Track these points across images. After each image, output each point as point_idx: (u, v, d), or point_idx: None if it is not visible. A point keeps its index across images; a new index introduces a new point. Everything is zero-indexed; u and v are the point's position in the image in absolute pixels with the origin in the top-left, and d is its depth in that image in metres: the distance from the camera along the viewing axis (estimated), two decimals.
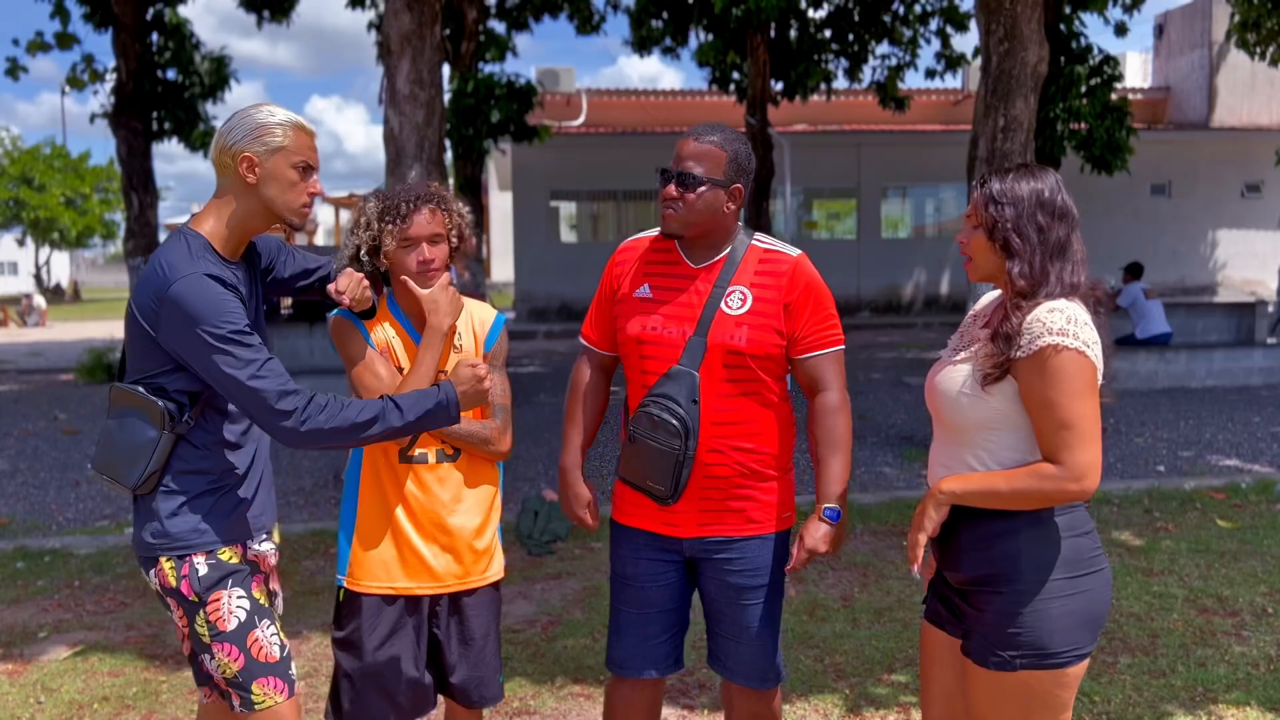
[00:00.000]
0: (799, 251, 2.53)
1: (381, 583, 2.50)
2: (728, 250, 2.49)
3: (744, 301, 2.44)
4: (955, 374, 2.13)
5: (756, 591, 2.53)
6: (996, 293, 2.29)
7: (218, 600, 2.25)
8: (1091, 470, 2.00)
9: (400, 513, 2.50)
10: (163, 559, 2.25)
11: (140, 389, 2.20)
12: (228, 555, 2.28)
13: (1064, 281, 2.07)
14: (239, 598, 2.26)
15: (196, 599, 2.24)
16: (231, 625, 2.25)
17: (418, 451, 2.50)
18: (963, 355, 2.16)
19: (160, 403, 2.18)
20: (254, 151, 2.20)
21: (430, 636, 2.58)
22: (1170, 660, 3.94)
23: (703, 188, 2.40)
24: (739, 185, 2.45)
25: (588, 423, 2.66)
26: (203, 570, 2.25)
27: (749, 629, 2.54)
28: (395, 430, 2.22)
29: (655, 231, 2.59)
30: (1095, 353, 2.02)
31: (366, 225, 2.47)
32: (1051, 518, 2.07)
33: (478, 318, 2.65)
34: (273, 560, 2.43)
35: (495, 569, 2.64)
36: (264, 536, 2.41)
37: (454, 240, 2.53)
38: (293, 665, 2.36)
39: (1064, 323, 2.00)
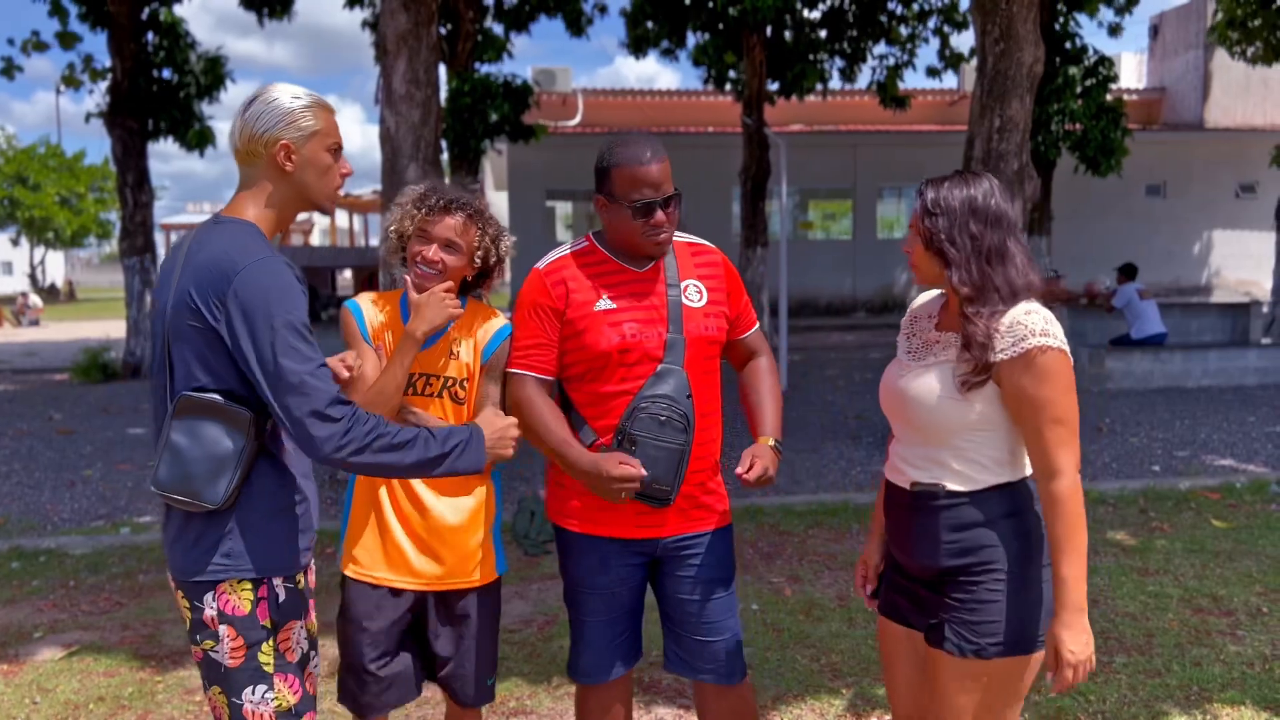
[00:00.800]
0: (712, 245, 2.70)
1: (366, 570, 2.53)
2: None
3: (701, 294, 2.55)
4: (929, 378, 2.16)
5: (721, 583, 2.59)
6: (935, 292, 2.34)
7: (291, 629, 2.12)
8: (1079, 461, 2.09)
9: (387, 508, 2.52)
10: (230, 582, 2.06)
11: (218, 396, 2.01)
12: (298, 580, 2.15)
13: (1012, 284, 2.10)
14: (302, 628, 2.16)
15: (271, 625, 2.09)
16: (297, 656, 2.14)
17: None
18: (931, 359, 2.19)
19: (245, 410, 2.02)
20: (291, 138, 2.09)
21: (421, 632, 2.60)
22: (1165, 659, 3.95)
23: (680, 197, 2.49)
24: None
25: (567, 426, 2.52)
26: (283, 595, 2.10)
27: (717, 623, 2.57)
28: (428, 461, 2.05)
29: (571, 248, 2.57)
30: (1069, 351, 2.09)
31: (401, 206, 2.52)
32: (1028, 509, 2.15)
33: (481, 326, 2.62)
34: (314, 579, 2.32)
35: (483, 573, 2.61)
36: (310, 556, 2.28)
37: (477, 260, 2.53)
38: None
39: (1043, 323, 2.07)
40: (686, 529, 2.54)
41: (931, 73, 17.86)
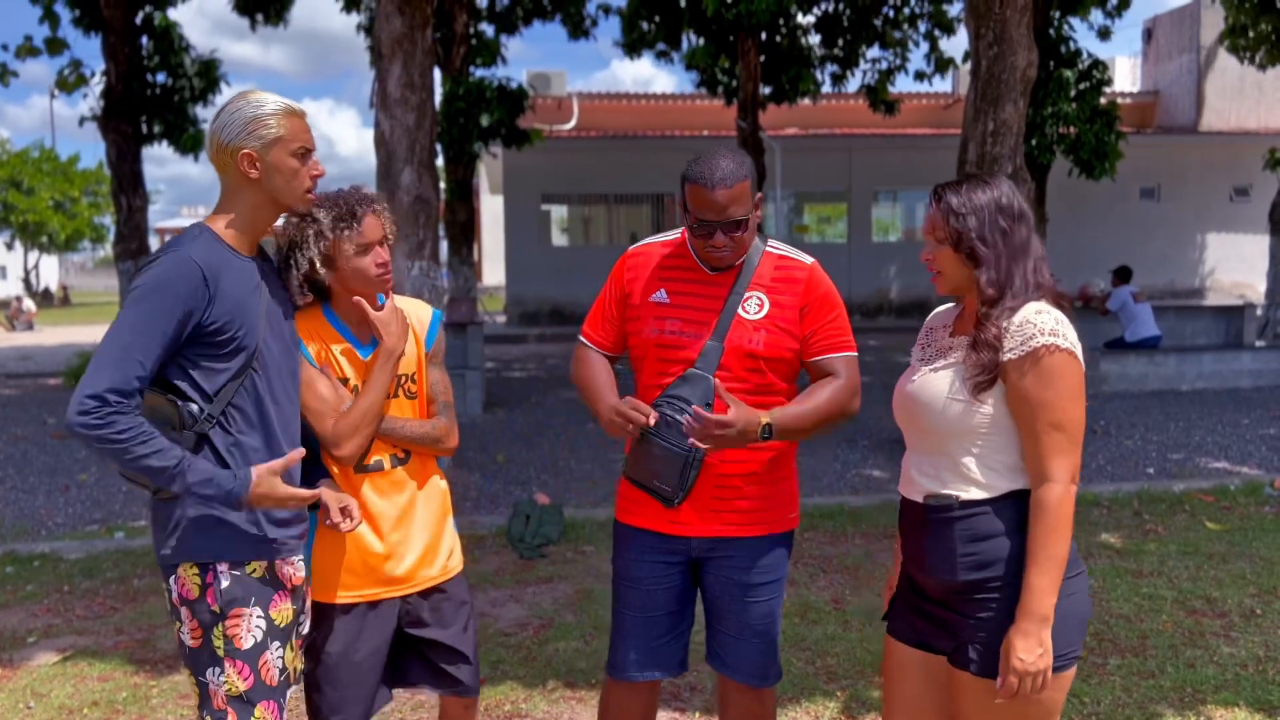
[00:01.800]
0: (813, 259, 2.59)
1: (351, 592, 2.49)
2: (744, 257, 2.53)
3: (761, 306, 2.50)
4: (939, 381, 2.11)
5: (761, 589, 2.56)
6: (950, 304, 2.30)
7: (239, 616, 2.18)
8: (1078, 472, 2.02)
9: (366, 518, 2.49)
10: (183, 568, 2.18)
11: (156, 389, 2.13)
12: (252, 569, 2.20)
13: (1029, 281, 2.08)
14: (258, 616, 2.20)
15: (219, 611, 2.18)
16: (248, 644, 2.19)
17: (373, 460, 2.50)
18: (943, 363, 2.14)
19: (178, 401, 2.13)
20: (252, 147, 2.16)
21: (403, 635, 2.58)
22: (1159, 661, 3.96)
23: (747, 222, 2.44)
24: (760, 194, 2.52)
25: (610, 381, 2.57)
26: (225, 582, 2.18)
27: (752, 626, 2.56)
28: (176, 477, 2.05)
29: (665, 237, 2.64)
30: (1081, 355, 2.04)
31: (319, 235, 2.38)
32: None
33: (415, 316, 2.63)
34: (300, 577, 2.32)
35: (456, 561, 2.66)
36: (300, 557, 2.32)
37: (391, 241, 2.54)
38: (289, 690, 2.30)
39: (1054, 324, 2.02)
40: (717, 532, 2.52)
41: (919, 76, 17.90)
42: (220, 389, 2.16)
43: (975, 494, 2.07)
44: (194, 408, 2.14)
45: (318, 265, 2.40)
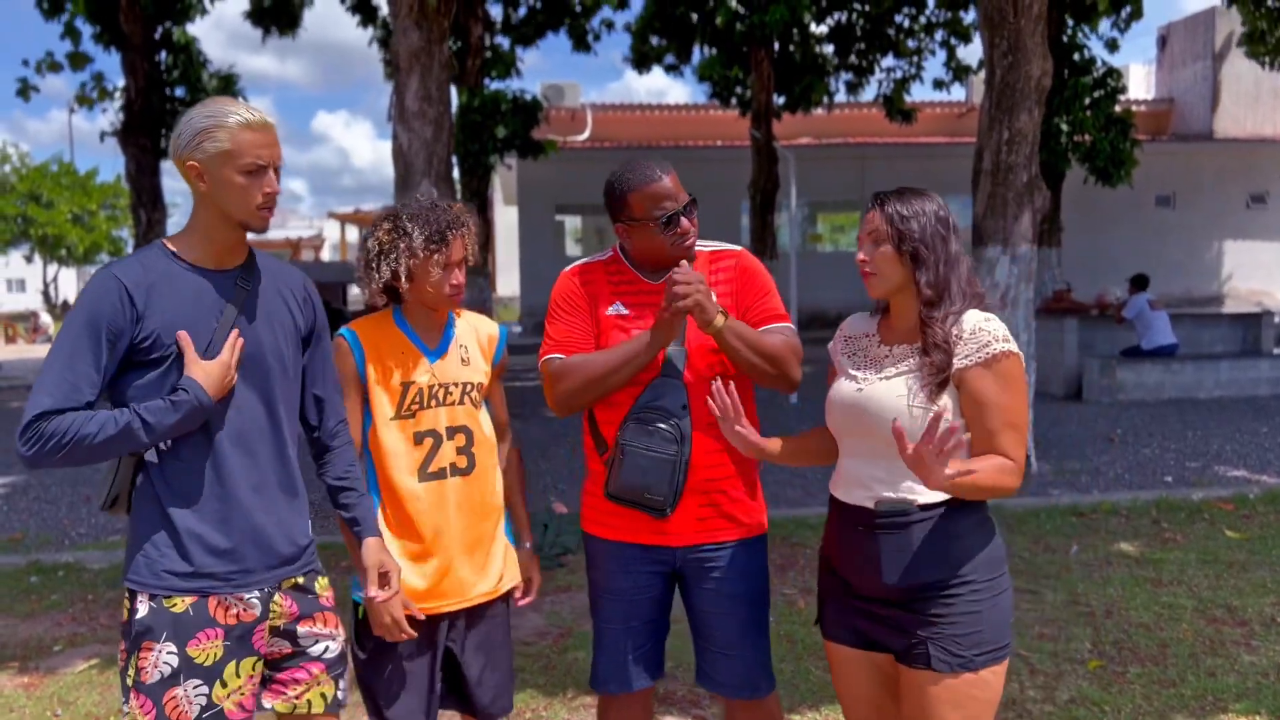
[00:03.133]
0: (740, 247, 2.67)
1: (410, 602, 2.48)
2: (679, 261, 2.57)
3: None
4: (895, 389, 2.17)
5: (748, 596, 2.56)
6: (862, 314, 2.42)
7: (149, 649, 2.09)
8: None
9: (425, 531, 2.49)
10: (126, 588, 2.15)
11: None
12: (172, 603, 2.09)
13: (964, 290, 2.21)
14: (169, 653, 2.08)
15: (134, 639, 2.11)
16: (153, 679, 2.08)
17: (437, 469, 2.50)
18: (892, 371, 2.20)
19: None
20: (199, 160, 2.06)
21: (445, 650, 2.57)
22: (1180, 670, 3.96)
23: (695, 204, 2.56)
24: None
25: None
26: (141, 612, 2.10)
27: (742, 637, 2.55)
28: (121, 432, 2.02)
29: (596, 258, 2.68)
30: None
31: (409, 252, 2.41)
32: (989, 518, 2.20)
33: (484, 332, 2.66)
34: (252, 614, 2.16)
35: (509, 579, 2.65)
36: (255, 591, 2.16)
37: (471, 261, 2.56)
38: None
39: (1003, 330, 2.16)
40: (704, 539, 2.52)
41: (938, 85, 17.92)
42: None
43: (931, 497, 2.15)
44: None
45: (401, 277, 2.43)
